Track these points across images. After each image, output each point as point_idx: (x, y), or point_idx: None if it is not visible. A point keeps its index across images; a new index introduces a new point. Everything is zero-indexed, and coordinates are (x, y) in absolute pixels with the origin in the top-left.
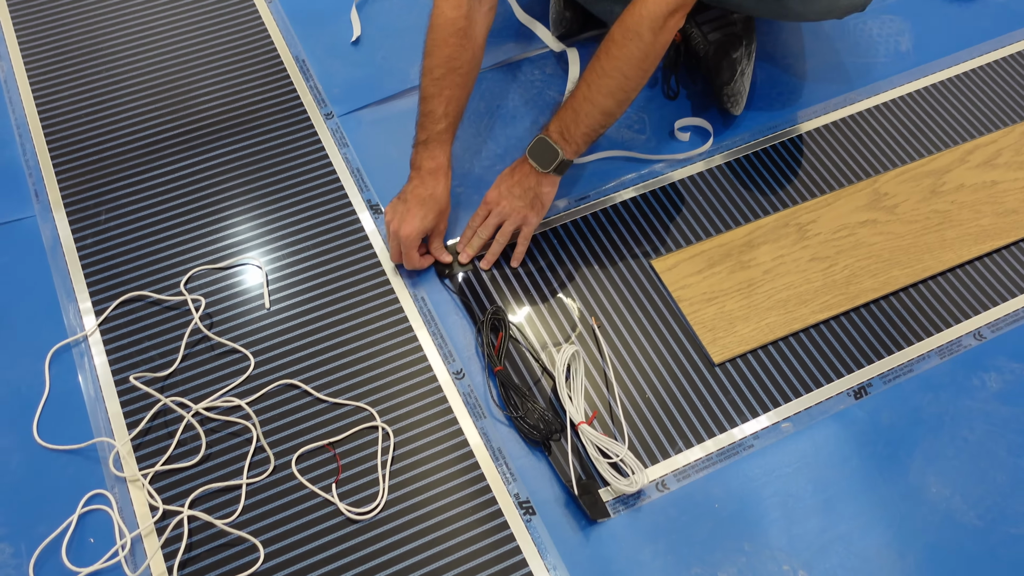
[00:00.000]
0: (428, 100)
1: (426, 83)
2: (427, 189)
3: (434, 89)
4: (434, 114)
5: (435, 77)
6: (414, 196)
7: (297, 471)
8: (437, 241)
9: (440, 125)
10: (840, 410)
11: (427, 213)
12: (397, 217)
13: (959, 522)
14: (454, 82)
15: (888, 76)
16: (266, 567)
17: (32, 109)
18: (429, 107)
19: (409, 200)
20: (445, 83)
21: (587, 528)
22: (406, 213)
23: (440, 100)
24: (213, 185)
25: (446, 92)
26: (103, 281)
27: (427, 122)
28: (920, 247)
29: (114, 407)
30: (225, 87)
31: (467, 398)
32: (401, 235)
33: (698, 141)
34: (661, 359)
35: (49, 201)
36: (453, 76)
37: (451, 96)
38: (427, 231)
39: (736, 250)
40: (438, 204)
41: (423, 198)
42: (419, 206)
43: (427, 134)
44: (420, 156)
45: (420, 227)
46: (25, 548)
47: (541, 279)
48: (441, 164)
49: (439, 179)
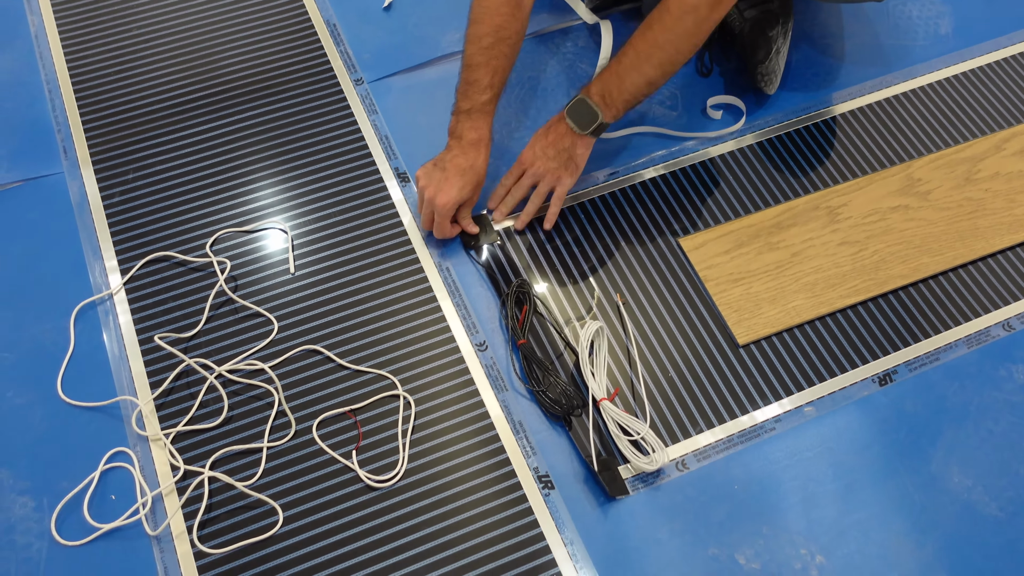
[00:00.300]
0: (474, 68)
1: (472, 51)
2: (467, 160)
3: (481, 58)
4: (479, 83)
5: (483, 46)
6: (453, 165)
7: (318, 436)
8: (466, 211)
9: (485, 96)
10: (864, 396)
11: (465, 184)
12: (433, 184)
13: (980, 513)
14: (502, 52)
15: (926, 60)
16: (284, 530)
17: (63, 65)
18: (475, 76)
19: (448, 169)
20: (493, 52)
21: (605, 504)
22: (444, 182)
23: (487, 70)
24: (241, 148)
25: (493, 62)
26: (129, 240)
27: (471, 91)
28: (952, 235)
29: (138, 366)
30: (256, 50)
31: (489, 370)
32: (437, 204)
33: (730, 120)
34: (685, 338)
35: (77, 158)
36: (501, 46)
37: (498, 67)
38: (463, 202)
39: (765, 231)
40: (476, 176)
41: (463, 168)
42: (458, 176)
43: (471, 103)
44: (462, 126)
45: (457, 198)
46: (47, 502)
47: (567, 253)
48: (483, 136)
49: (480, 151)
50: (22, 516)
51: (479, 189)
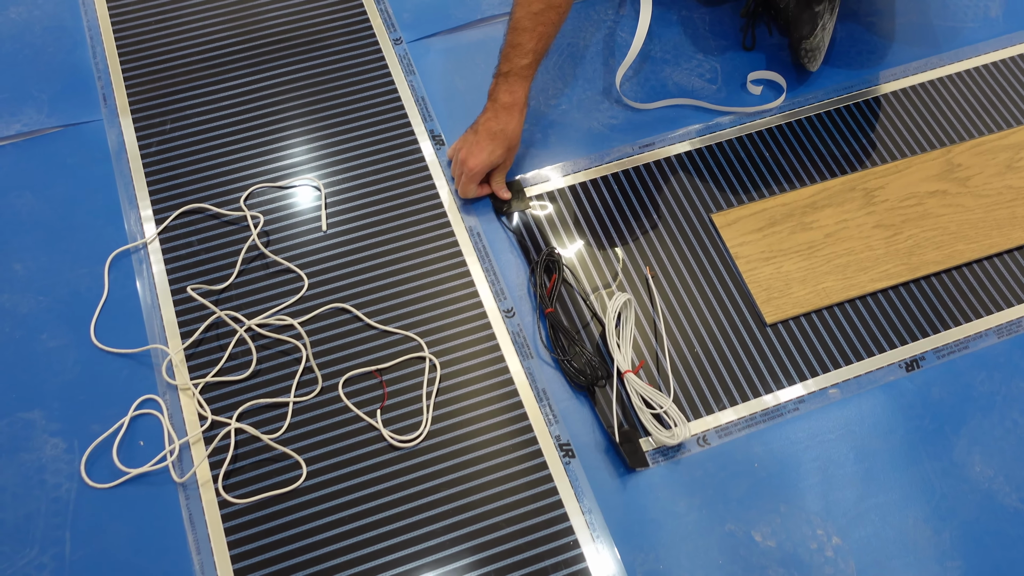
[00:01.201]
0: (520, 32)
1: (521, 14)
2: (500, 123)
3: (529, 23)
4: (523, 47)
5: (533, 11)
6: (485, 129)
7: (344, 394)
8: (500, 176)
9: (526, 60)
10: (890, 381)
11: (496, 148)
12: (466, 147)
13: (1000, 503)
14: (550, 19)
15: (973, 43)
16: (307, 484)
17: (104, 12)
18: (519, 39)
19: (480, 132)
20: (541, 18)
21: (625, 476)
22: (475, 145)
23: (532, 35)
24: (278, 103)
25: (540, 28)
26: (165, 190)
27: (513, 54)
28: (989, 223)
29: (169, 316)
30: (297, 5)
31: (515, 337)
32: (467, 166)
33: (770, 96)
34: (712, 314)
35: (117, 106)
36: (550, 13)
37: (543, 33)
38: (493, 166)
39: (799, 211)
40: (508, 140)
41: (494, 132)
42: (489, 140)
43: (510, 66)
44: (499, 88)
45: (487, 161)
46: (78, 445)
47: (599, 223)
48: (519, 99)
49: (513, 114)
50: (53, 457)
51: (512, 154)
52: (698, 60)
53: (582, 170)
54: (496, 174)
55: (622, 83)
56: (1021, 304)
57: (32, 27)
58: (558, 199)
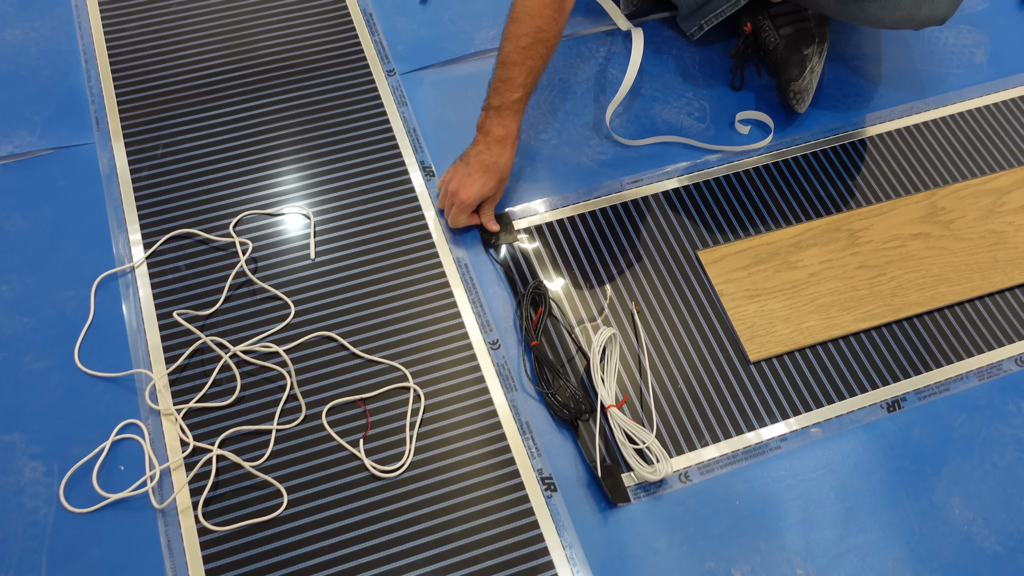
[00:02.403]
0: (509, 66)
1: (509, 49)
2: (492, 156)
3: (518, 57)
4: (513, 81)
5: (521, 45)
6: (477, 161)
7: (327, 423)
8: (490, 208)
9: (517, 94)
10: (871, 421)
11: (488, 180)
12: (457, 178)
13: (979, 546)
14: (538, 53)
15: (958, 88)
16: (288, 513)
17: (100, 37)
18: (509, 73)
19: (472, 164)
20: (530, 52)
21: (606, 511)
22: (467, 177)
23: (522, 69)
24: (270, 130)
25: (529, 62)
26: (155, 215)
27: (503, 88)
28: (971, 266)
29: (154, 340)
30: (291, 34)
31: (500, 369)
32: (459, 198)
33: (758, 135)
34: (697, 351)
35: (109, 130)
36: (539, 47)
37: (532, 67)
38: (485, 198)
39: (784, 249)
40: (500, 173)
41: (486, 164)
42: (481, 172)
43: (501, 100)
44: (491, 121)
45: (479, 193)
46: (58, 468)
47: (585, 257)
48: (511, 133)
49: (505, 148)
50: (32, 480)
51: (502, 186)
52: (687, 99)
53: (570, 204)
54: (486, 206)
55: (612, 119)
56: (1002, 347)
57: (28, 49)
58: (546, 232)
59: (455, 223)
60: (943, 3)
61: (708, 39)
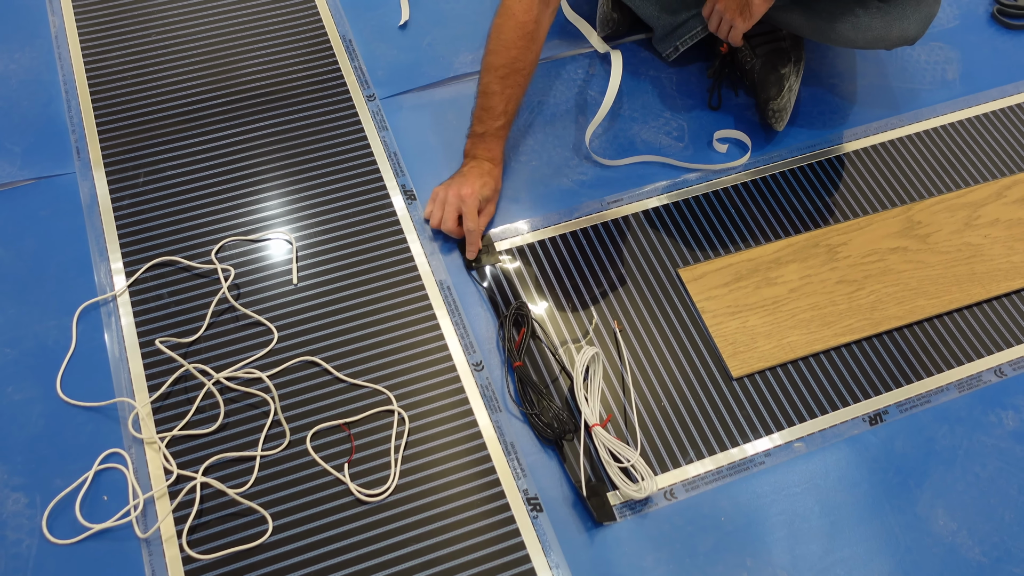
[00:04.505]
0: (489, 96)
1: (488, 79)
2: (483, 170)
3: (497, 87)
4: (494, 110)
5: (499, 75)
6: (471, 170)
7: (311, 448)
8: (484, 219)
9: (499, 121)
10: (854, 434)
11: (486, 181)
12: (455, 184)
13: (963, 557)
14: (516, 82)
15: (932, 104)
16: (273, 539)
17: (80, 67)
18: (490, 103)
19: (467, 174)
20: (508, 82)
21: (592, 530)
22: (465, 178)
23: (501, 98)
24: (251, 157)
25: (508, 91)
26: (136, 243)
27: (486, 116)
28: (949, 279)
29: (137, 368)
30: (271, 61)
31: (484, 390)
32: (462, 193)
33: (736, 153)
34: (680, 368)
35: (90, 159)
36: (516, 76)
37: (512, 95)
38: (485, 199)
39: (764, 266)
40: (495, 181)
41: (481, 172)
42: (478, 176)
43: (485, 128)
44: (476, 147)
45: (480, 192)
46: (40, 500)
47: (567, 278)
48: (496, 156)
49: (494, 167)
50: (14, 512)
51: (496, 198)
52: (666, 118)
53: (551, 225)
54: (483, 216)
55: (591, 140)
56: (981, 359)
57: (8, 80)
58: (528, 253)
59: (448, 221)
60: (913, 24)
61: (684, 60)
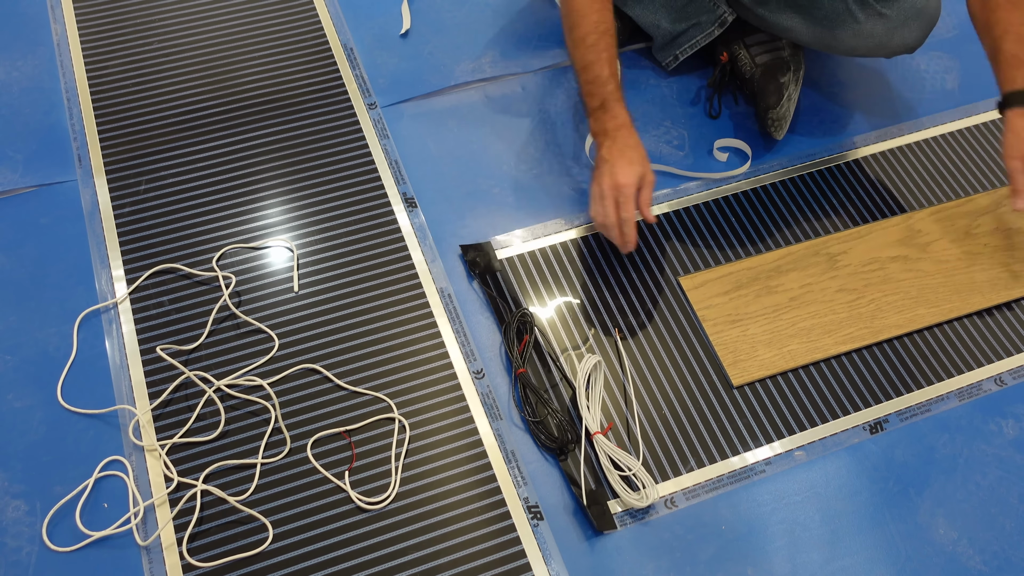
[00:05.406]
0: (589, 68)
1: (580, 53)
2: (621, 142)
3: (592, 56)
4: (600, 78)
5: (589, 44)
6: (610, 152)
7: (312, 455)
8: (647, 192)
9: (609, 85)
10: (854, 443)
11: (634, 158)
12: (606, 174)
13: (964, 566)
14: (608, 43)
15: (932, 113)
16: (274, 547)
17: (82, 74)
18: (593, 73)
19: (609, 158)
20: (601, 46)
21: (593, 538)
22: (613, 166)
23: (602, 63)
24: (252, 165)
25: (604, 54)
26: (137, 250)
27: (595, 88)
28: (949, 287)
29: (138, 376)
30: (272, 69)
31: (485, 398)
32: (619, 183)
33: (736, 162)
34: (680, 376)
35: (91, 167)
36: (606, 38)
37: (609, 56)
38: (642, 176)
39: (764, 274)
40: (640, 151)
41: (622, 149)
42: (621, 156)
43: (599, 99)
44: (600, 120)
45: (636, 172)
46: (40, 507)
47: (568, 285)
48: (624, 120)
49: (628, 132)
50: (14, 519)
51: (649, 167)
52: (666, 127)
53: (553, 233)
54: (644, 188)
55: (591, 149)
56: (981, 367)
57: (10, 88)
58: (528, 261)
59: (626, 214)
60: (914, 32)
61: (684, 68)
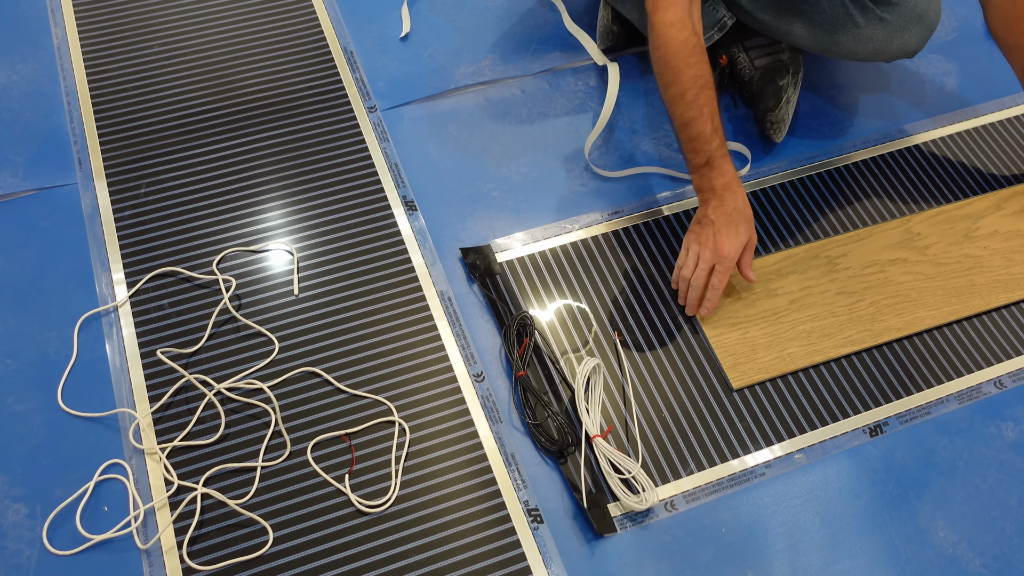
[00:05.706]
0: (691, 124)
1: (680, 109)
2: (729, 204)
3: (693, 112)
4: (704, 135)
5: (689, 100)
6: (719, 215)
7: (312, 459)
8: (749, 254)
9: (714, 142)
10: (854, 446)
11: (740, 226)
12: (708, 240)
13: (964, 569)
14: (709, 97)
15: (931, 116)
16: (274, 551)
17: (83, 78)
18: (696, 130)
19: (716, 221)
20: (702, 101)
21: (593, 542)
22: (717, 234)
23: (704, 119)
24: (253, 168)
25: (705, 109)
26: (138, 254)
27: (699, 145)
28: (948, 290)
29: (138, 379)
30: (273, 73)
31: (485, 401)
32: (722, 254)
33: (735, 165)
34: (680, 379)
35: (92, 170)
36: (706, 91)
37: (711, 111)
38: (744, 245)
39: (764, 277)
40: (746, 215)
41: (729, 214)
42: (728, 222)
43: (705, 156)
44: (706, 177)
45: (740, 242)
46: (40, 511)
47: (568, 288)
48: (733, 177)
49: (736, 192)
50: (14, 523)
51: (753, 227)
52: (665, 130)
53: (552, 236)
54: (746, 252)
55: (591, 152)
56: (981, 370)
57: (10, 91)
58: (528, 264)
59: (701, 277)
60: (914, 37)
61: None
